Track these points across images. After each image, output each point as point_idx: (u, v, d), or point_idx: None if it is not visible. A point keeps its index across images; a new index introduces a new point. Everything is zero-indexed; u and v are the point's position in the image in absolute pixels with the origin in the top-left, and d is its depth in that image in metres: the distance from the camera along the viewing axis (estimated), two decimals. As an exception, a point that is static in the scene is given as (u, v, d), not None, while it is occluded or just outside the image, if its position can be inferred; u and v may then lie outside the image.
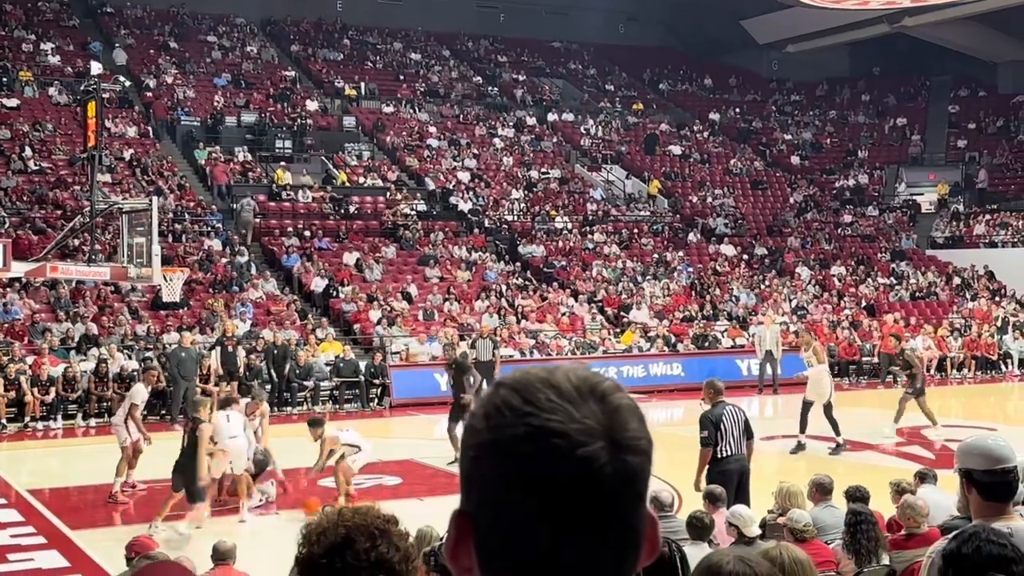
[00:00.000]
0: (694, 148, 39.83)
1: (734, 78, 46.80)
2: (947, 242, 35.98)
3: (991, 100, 43.79)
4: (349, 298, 25.69)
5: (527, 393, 1.14)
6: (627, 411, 1.14)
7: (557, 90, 42.71)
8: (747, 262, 32.36)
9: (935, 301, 31.03)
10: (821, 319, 28.06)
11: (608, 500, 1.11)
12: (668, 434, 19.53)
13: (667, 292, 29.08)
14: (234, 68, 37.61)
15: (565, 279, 29.13)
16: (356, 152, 33.92)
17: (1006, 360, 27.24)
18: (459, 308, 26.02)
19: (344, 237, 28.90)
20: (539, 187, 34.42)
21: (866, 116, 44.41)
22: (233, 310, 23.72)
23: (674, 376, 24.47)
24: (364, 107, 37.38)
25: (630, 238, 32.44)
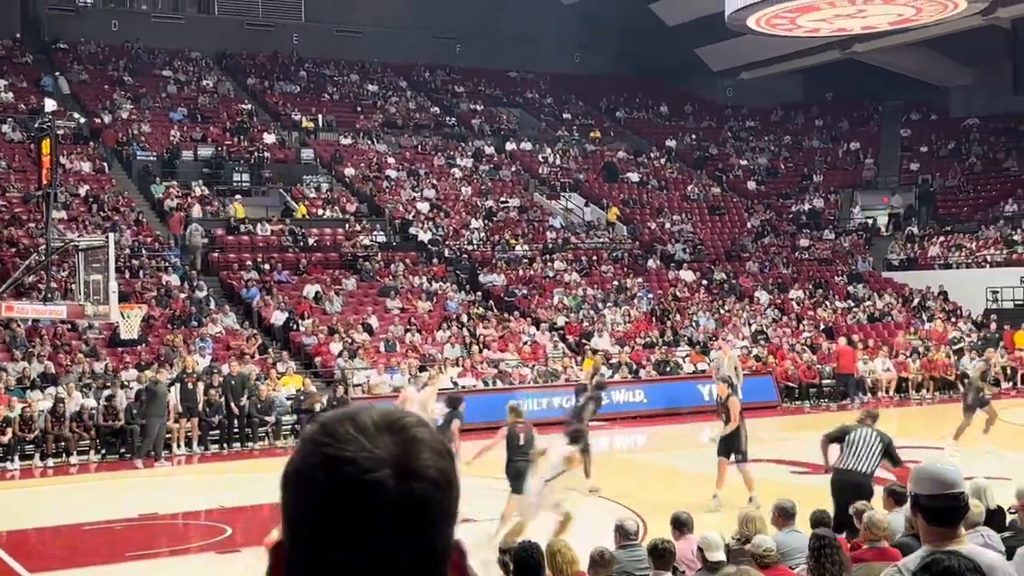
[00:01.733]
0: (651, 175, 40.10)
1: (690, 105, 47.24)
2: (902, 264, 36.41)
3: (942, 124, 44.49)
4: (310, 331, 25.56)
5: (329, 427, 1.26)
6: (423, 444, 1.25)
7: (515, 119, 42.92)
8: (706, 287, 32.56)
9: (892, 323, 31.34)
10: (781, 342, 28.26)
11: (397, 523, 1.21)
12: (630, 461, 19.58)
13: (628, 319, 29.18)
14: (190, 102, 37.48)
15: (526, 307, 29.16)
16: (315, 184, 33.85)
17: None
18: (421, 339, 25.97)
19: (304, 270, 28.78)
20: (498, 216, 34.49)
21: (820, 141, 44.95)
22: (192, 345, 23.52)
23: (636, 403, 24.51)
24: (322, 139, 37.35)
25: (590, 265, 32.56)
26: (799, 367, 26.63)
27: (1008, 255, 33.82)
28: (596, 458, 20.02)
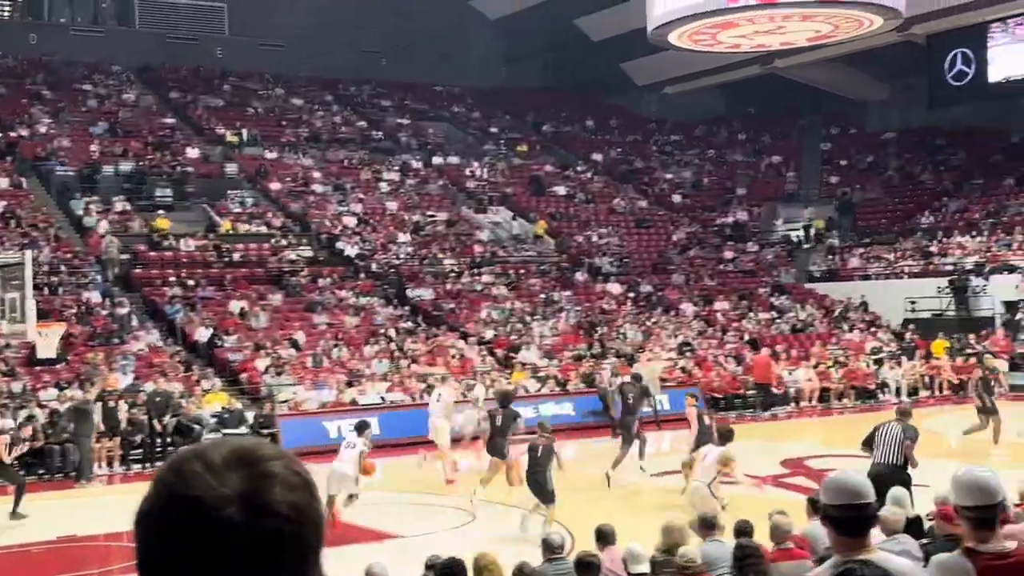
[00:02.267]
0: (579, 188, 40.36)
1: (616, 119, 47.65)
2: (824, 276, 37.05)
3: (861, 138, 45.40)
4: (235, 347, 25.28)
5: (177, 465, 1.28)
6: (274, 479, 1.26)
7: (441, 133, 42.93)
8: (633, 300, 32.82)
9: (814, 333, 31.85)
10: (706, 354, 28.56)
11: (248, 560, 1.21)
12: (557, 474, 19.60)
13: (556, 332, 29.30)
14: (111, 116, 36.92)
15: (454, 321, 29.15)
16: (239, 199, 33.52)
17: (883, 389, 28.07)
18: (348, 354, 25.81)
19: (228, 285, 28.47)
20: (426, 230, 34.45)
21: (743, 155, 45.60)
22: (114, 363, 23.12)
23: (565, 416, 24.55)
24: (247, 153, 37.01)
25: (518, 278, 32.65)
26: (724, 378, 26.94)
27: (925, 266, 34.58)
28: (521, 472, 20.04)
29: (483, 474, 15.41)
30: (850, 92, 44.86)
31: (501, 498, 16.21)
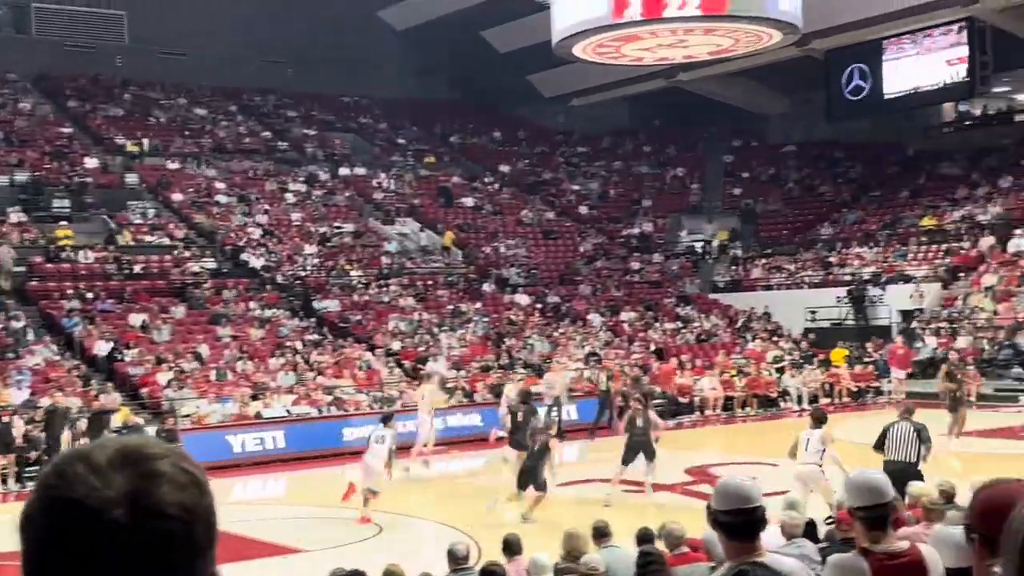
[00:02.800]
0: (486, 200, 40.43)
1: (523, 131, 47.87)
2: (727, 286, 37.66)
3: (762, 150, 46.29)
4: (136, 361, 24.77)
5: (60, 468, 1.24)
6: (162, 478, 1.23)
7: (348, 144, 42.66)
8: (541, 311, 32.96)
9: (719, 342, 32.33)
10: (613, 364, 28.76)
11: (134, 563, 1.19)
12: (466, 485, 19.61)
13: (464, 343, 29.28)
14: (5, 125, 35.94)
15: (361, 333, 28.95)
16: (140, 210, 32.88)
17: (784, 397, 28.59)
18: (253, 367, 25.46)
19: (129, 298, 27.89)
20: (333, 241, 34.19)
21: (649, 167, 46.14)
22: (9, 378, 22.48)
23: (472, 427, 24.54)
24: (148, 164, 36.31)
25: (426, 290, 32.56)
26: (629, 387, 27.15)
27: (825, 276, 35.37)
28: (433, 483, 19.99)
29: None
30: (752, 105, 45.71)
31: (410, 510, 16.13)
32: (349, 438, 22.97)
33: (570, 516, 13.48)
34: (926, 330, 30.65)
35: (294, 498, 19.21)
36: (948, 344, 29.69)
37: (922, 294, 32.19)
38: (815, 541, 7.80)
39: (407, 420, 23.84)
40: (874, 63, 36.91)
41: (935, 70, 35.54)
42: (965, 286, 32.13)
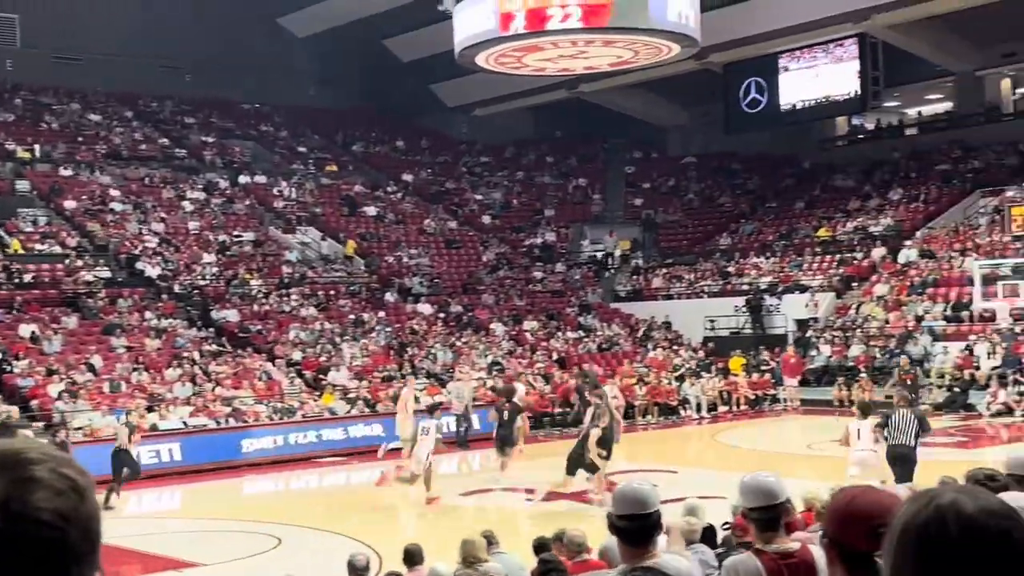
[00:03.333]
0: (389, 209, 40.23)
1: (426, 140, 47.78)
2: (629, 295, 38.05)
3: (663, 162, 46.93)
4: (26, 372, 24.06)
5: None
6: (38, 483, 1.20)
7: (248, 152, 42.08)
8: (443, 320, 32.89)
9: (620, 351, 32.62)
10: (516, 373, 28.82)
11: (5, 570, 1.17)
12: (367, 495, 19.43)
13: (366, 353, 29.08)
14: None
15: (261, 343, 28.56)
16: (31, 218, 31.99)
17: (684, 405, 28.97)
18: (149, 378, 24.93)
19: (19, 308, 27.10)
20: (232, 250, 33.68)
21: (551, 177, 46.43)
22: None
23: (374, 437, 24.36)
24: (39, 170, 35.35)
25: (327, 300, 32.26)
26: (533, 396, 27.25)
27: (723, 286, 35.95)
28: (333, 494, 19.80)
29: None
30: (652, 117, 46.33)
31: (309, 522, 15.95)
32: (248, 450, 22.66)
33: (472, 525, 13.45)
34: (821, 339, 31.34)
35: (190, 511, 18.84)
36: (842, 352, 30.43)
37: (817, 303, 32.93)
38: (713, 546, 7.89)
39: (308, 430, 23.65)
40: (770, 77, 37.70)
41: (829, 84, 36.43)
42: (858, 295, 32.96)
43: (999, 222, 31.86)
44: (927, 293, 31.07)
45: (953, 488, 1.49)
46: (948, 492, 1.46)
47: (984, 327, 28.41)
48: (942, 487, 1.51)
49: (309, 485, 21.54)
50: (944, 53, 38.02)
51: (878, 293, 32.27)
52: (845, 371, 29.35)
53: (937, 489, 1.50)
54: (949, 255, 32.23)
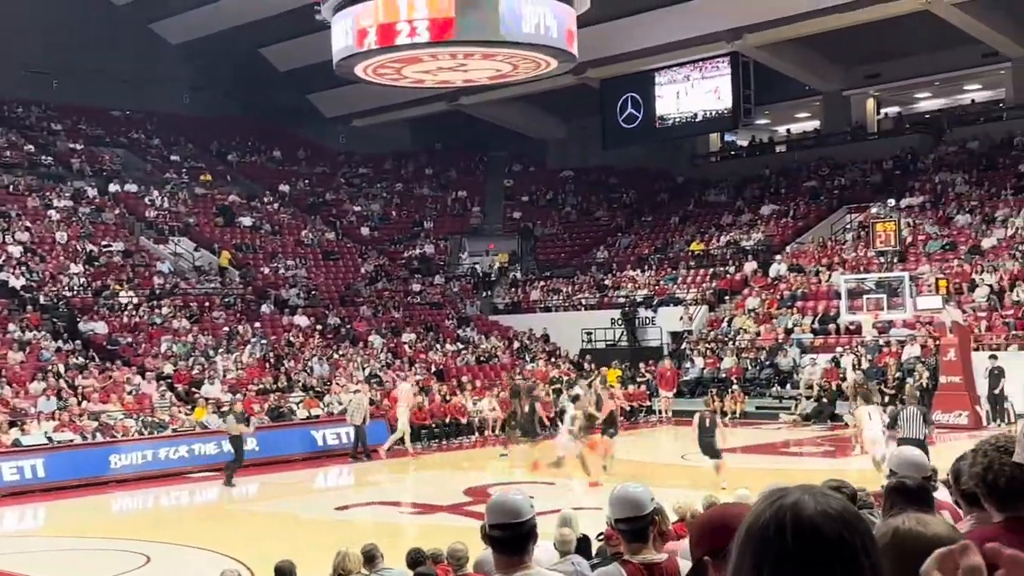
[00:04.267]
0: (265, 219, 39.64)
1: (303, 150, 47.24)
2: (507, 308, 38.21)
3: (541, 175, 47.32)
4: None
5: None
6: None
7: (119, 160, 40.99)
8: (321, 332, 32.53)
9: (498, 364, 32.71)
10: (394, 386, 28.63)
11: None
12: (241, 511, 19.09)
13: (240, 365, 28.55)
14: None
15: (131, 356, 27.82)
16: None
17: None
18: (11, 392, 24.04)
19: None
20: (101, 260, 32.75)
21: (430, 189, 46.37)
22: None
23: (248, 451, 23.91)
24: None
25: (200, 311, 31.60)
26: (412, 409, 27.08)
27: (600, 299, 36.38)
28: (205, 510, 19.39)
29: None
30: (531, 131, 46.70)
31: (179, 538, 15.59)
32: (116, 465, 22.03)
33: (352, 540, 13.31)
34: (695, 351, 31.94)
35: (55, 529, 18.21)
36: (715, 364, 31.05)
37: (691, 316, 33.56)
38: (588, 557, 7.95)
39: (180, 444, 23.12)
40: (647, 93, 38.39)
41: (703, 101, 37.29)
42: (730, 308, 33.70)
43: (864, 238, 32.95)
44: (796, 306, 31.94)
45: (802, 489, 1.52)
46: (794, 492, 1.49)
47: (850, 339, 29.33)
48: (793, 487, 1.54)
49: (180, 501, 21.03)
50: (812, 73, 39.28)
51: (749, 306, 33.05)
52: (718, 383, 29.95)
53: (787, 489, 1.53)
54: (817, 269, 33.20)
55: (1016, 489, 2.97)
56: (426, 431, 26.91)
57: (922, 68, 38.05)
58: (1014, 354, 25.48)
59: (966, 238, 31.87)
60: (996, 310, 27.71)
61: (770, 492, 1.54)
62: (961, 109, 41.03)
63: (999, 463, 2.98)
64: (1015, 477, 2.95)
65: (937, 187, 35.48)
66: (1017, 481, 2.95)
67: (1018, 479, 2.95)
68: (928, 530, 2.08)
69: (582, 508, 11.52)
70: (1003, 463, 2.97)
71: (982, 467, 3.05)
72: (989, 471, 3.02)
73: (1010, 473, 2.95)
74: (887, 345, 28.34)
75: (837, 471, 15.05)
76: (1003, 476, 2.97)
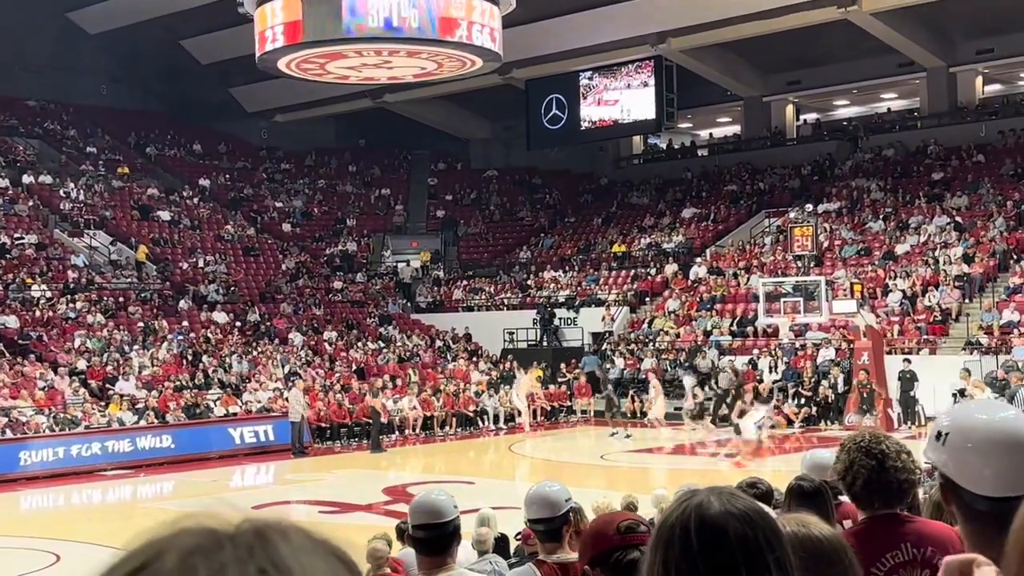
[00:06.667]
0: (184, 214, 39.03)
1: (224, 144, 46.57)
2: (430, 306, 38.11)
3: (465, 174, 47.26)
4: None
5: None
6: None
7: (33, 151, 40.05)
8: (240, 329, 32.13)
9: (420, 362, 32.60)
10: (314, 383, 28.45)
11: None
12: (157, 510, 18.77)
13: (157, 361, 28.09)
14: None
15: (43, 351, 27.21)
16: None
17: (483, 416, 29.20)
18: (-84, 388, 23.38)
19: None
20: (13, 253, 31.98)
21: (353, 186, 46.05)
22: None
23: (164, 449, 23.60)
24: None
25: (116, 306, 31.02)
26: (331, 407, 26.95)
27: (523, 298, 36.45)
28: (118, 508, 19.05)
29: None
30: (456, 130, 46.63)
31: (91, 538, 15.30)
32: (26, 462, 21.55)
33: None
34: (616, 352, 32.16)
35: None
36: (635, 365, 31.29)
37: (613, 317, 33.77)
38: (506, 556, 7.95)
39: (92, 441, 22.69)
40: (571, 95, 38.55)
41: (626, 104, 37.55)
42: (650, 310, 33.99)
43: (782, 242, 33.47)
44: (715, 308, 32.33)
45: (710, 490, 1.55)
46: (702, 493, 1.52)
47: (767, 342, 29.78)
48: (703, 489, 1.56)
49: (92, 499, 20.65)
50: (734, 78, 39.79)
51: (670, 308, 33.37)
52: (637, 383, 30.19)
53: (696, 490, 1.56)
54: (736, 272, 33.64)
55: (872, 490, 3.04)
56: (345, 430, 26.78)
57: (841, 76, 38.76)
58: (925, 358, 26.09)
59: (880, 244, 32.54)
60: (909, 315, 28.34)
61: (681, 494, 1.56)
62: (878, 117, 41.87)
63: (859, 464, 3.04)
64: (871, 480, 3.02)
65: (853, 193, 36.18)
66: (873, 483, 3.02)
67: (874, 481, 3.02)
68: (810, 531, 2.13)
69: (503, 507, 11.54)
70: (862, 464, 3.03)
71: (844, 465, 3.12)
72: (849, 471, 3.09)
73: (867, 476, 3.01)
74: (803, 348, 28.83)
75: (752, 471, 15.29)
76: (860, 477, 3.03)
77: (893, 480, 3.01)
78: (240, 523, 0.90)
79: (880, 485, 3.01)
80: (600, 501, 9.15)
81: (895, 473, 3.01)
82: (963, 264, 29.46)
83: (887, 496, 3.02)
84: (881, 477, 3.00)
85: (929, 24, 34.63)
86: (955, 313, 27.89)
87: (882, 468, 3.00)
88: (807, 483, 4.14)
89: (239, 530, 0.89)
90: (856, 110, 43.60)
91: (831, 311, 26.33)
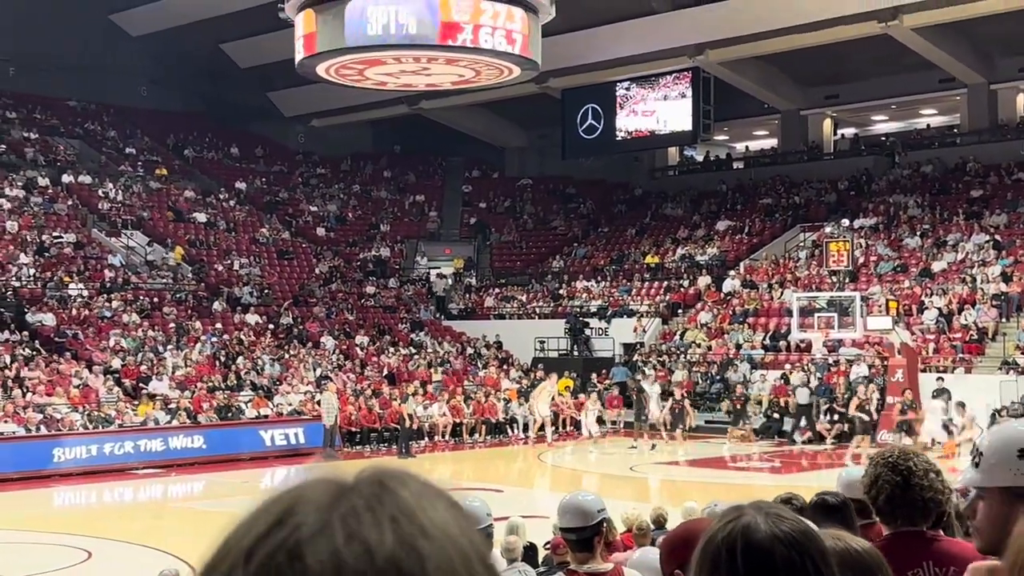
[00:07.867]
0: (220, 216, 39.33)
1: (261, 148, 46.90)
2: (461, 314, 38.15)
3: (499, 182, 47.32)
4: None
5: None
6: None
7: (73, 151, 40.50)
8: (273, 331, 32.32)
9: (451, 369, 32.64)
10: (344, 388, 28.55)
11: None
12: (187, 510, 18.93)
13: (190, 362, 28.30)
14: None
15: (78, 349, 27.48)
16: None
17: (512, 424, 29.18)
18: (-47, 383, 23.68)
19: None
20: (51, 252, 32.34)
21: (388, 192, 46.23)
22: None
23: (195, 449, 23.75)
24: None
25: (152, 306, 31.29)
26: (361, 412, 27.04)
27: (554, 308, 36.43)
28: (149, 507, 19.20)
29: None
30: (491, 137, 46.71)
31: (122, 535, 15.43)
32: (60, 459, 21.76)
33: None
34: (647, 363, 32.06)
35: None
36: (666, 377, 31.17)
37: (644, 328, 33.69)
38: (535, 565, 7.96)
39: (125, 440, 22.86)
40: (607, 105, 38.52)
41: (663, 115, 37.48)
42: (682, 322, 33.88)
43: (817, 256, 33.27)
44: (748, 322, 32.17)
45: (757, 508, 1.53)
46: (750, 513, 1.50)
47: (800, 357, 29.59)
48: (750, 506, 1.55)
49: (124, 497, 20.82)
50: (771, 92, 39.63)
51: (702, 320, 33.24)
52: (668, 395, 30.05)
53: (742, 509, 1.54)
54: (769, 286, 33.47)
55: (895, 506, 3.03)
56: (375, 435, 26.85)
57: (880, 91, 38.51)
58: (960, 377, 25.84)
59: (917, 260, 32.28)
60: (944, 333, 28.09)
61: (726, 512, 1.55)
62: (916, 133, 41.56)
63: (884, 479, 3.03)
64: (894, 496, 3.00)
65: (890, 209, 35.92)
66: (897, 499, 3.00)
67: (898, 497, 3.00)
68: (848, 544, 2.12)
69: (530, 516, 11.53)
70: (887, 480, 3.02)
71: (869, 479, 3.10)
72: (873, 486, 3.07)
73: (890, 491, 3.00)
74: (836, 364, 28.63)
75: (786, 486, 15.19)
76: (884, 492, 3.02)
77: (918, 498, 3.00)
78: (358, 474, 0.93)
79: (904, 501, 3.00)
80: (630, 513, 9.13)
81: (920, 491, 2.99)
82: (1001, 283, 29.18)
83: (911, 513, 3.01)
84: (906, 494, 2.99)
85: (971, 40, 34.36)
86: (991, 332, 27.61)
87: (907, 485, 2.98)
88: (832, 497, 4.12)
89: (359, 480, 0.91)
90: (895, 125, 43.30)
91: (865, 327, 26.13)
